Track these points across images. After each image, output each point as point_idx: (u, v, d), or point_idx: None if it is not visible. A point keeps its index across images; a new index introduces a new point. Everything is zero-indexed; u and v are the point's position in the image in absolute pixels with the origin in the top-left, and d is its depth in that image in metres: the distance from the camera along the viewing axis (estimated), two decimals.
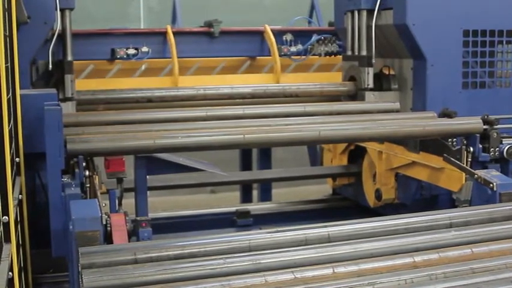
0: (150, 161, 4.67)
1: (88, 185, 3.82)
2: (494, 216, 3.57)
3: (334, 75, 6.52)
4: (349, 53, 5.82)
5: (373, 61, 5.57)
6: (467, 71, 5.38)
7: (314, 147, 7.29)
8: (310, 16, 7.58)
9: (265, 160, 7.14)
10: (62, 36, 5.19)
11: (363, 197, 6.01)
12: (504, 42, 5.46)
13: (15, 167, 3.62)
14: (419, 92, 5.37)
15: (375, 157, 5.66)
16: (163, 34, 6.41)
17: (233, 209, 6.26)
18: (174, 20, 7.35)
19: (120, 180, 4.40)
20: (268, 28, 6.61)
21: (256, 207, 6.47)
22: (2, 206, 2.67)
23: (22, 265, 3.58)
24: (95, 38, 6.17)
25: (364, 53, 5.63)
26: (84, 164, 3.83)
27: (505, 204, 3.79)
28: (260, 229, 3.68)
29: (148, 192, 4.89)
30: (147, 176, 4.80)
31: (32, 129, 4.00)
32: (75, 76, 5.43)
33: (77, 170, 3.80)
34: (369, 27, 5.56)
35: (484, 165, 4.58)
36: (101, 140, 4.03)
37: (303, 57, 6.63)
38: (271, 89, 5.82)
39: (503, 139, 4.68)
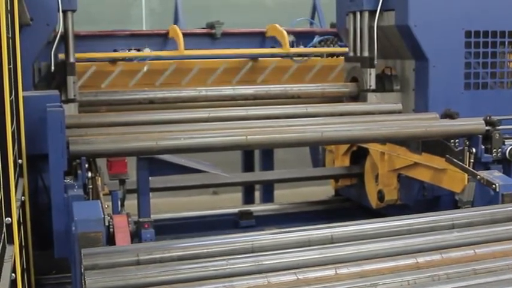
0: (153, 162, 4.67)
1: (90, 187, 3.82)
2: (497, 217, 3.57)
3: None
4: (351, 54, 5.82)
5: (375, 62, 5.57)
6: (469, 71, 5.38)
7: (316, 149, 7.29)
8: (312, 17, 7.59)
9: (268, 161, 7.13)
10: (64, 37, 5.20)
11: (366, 198, 6.00)
12: (506, 43, 5.46)
13: (18, 169, 3.62)
14: (422, 93, 5.37)
15: (377, 158, 5.66)
16: (166, 35, 6.42)
17: (235, 210, 6.27)
18: (176, 22, 7.35)
19: (122, 182, 4.40)
20: (276, 25, 6.63)
21: (259, 208, 6.48)
22: (5, 207, 2.68)
23: (25, 266, 3.59)
24: (97, 39, 6.18)
25: (366, 54, 5.63)
26: (86, 165, 3.84)
27: (507, 205, 3.79)
28: (263, 230, 3.68)
29: (150, 193, 4.89)
30: (150, 178, 4.80)
31: (34, 130, 4.00)
32: (77, 77, 5.43)
33: (79, 172, 3.80)
34: (370, 28, 5.56)
35: (486, 166, 4.58)
36: (103, 142, 4.04)
37: (305, 58, 6.63)
38: (273, 90, 5.83)
39: (506, 140, 4.68)
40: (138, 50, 6.08)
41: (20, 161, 3.75)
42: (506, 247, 3.23)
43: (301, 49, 6.61)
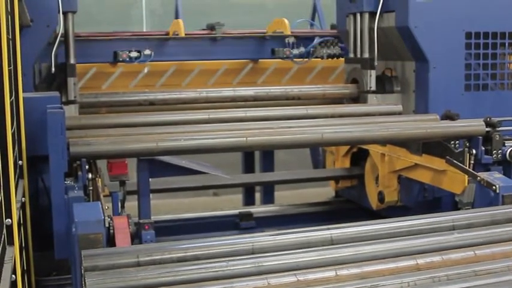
0: (153, 163, 4.67)
1: (91, 188, 3.82)
2: (497, 218, 3.57)
3: None
4: (351, 55, 5.82)
5: (376, 63, 5.57)
6: (470, 73, 5.38)
7: (317, 150, 7.29)
8: (313, 19, 7.58)
9: (268, 163, 7.14)
10: (64, 39, 5.19)
11: (366, 200, 6.00)
12: (506, 44, 5.46)
13: (18, 170, 3.62)
14: (422, 94, 5.37)
15: (377, 159, 5.66)
16: (166, 36, 6.41)
17: (236, 211, 6.27)
18: None
19: (122, 183, 4.40)
20: (275, 19, 6.66)
21: (259, 209, 6.48)
22: (5, 208, 2.68)
23: (25, 267, 3.59)
24: (97, 40, 6.17)
25: (366, 55, 5.63)
26: (87, 166, 3.84)
27: (507, 206, 3.79)
28: (263, 232, 3.68)
29: (151, 195, 4.89)
30: (150, 179, 4.80)
31: (34, 132, 4.00)
32: (78, 79, 5.43)
33: (79, 173, 3.81)
34: (371, 29, 5.56)
35: (486, 168, 4.58)
36: (103, 143, 4.04)
37: (305, 59, 6.62)
38: (273, 92, 5.82)
39: (506, 141, 4.68)
40: (139, 52, 6.06)
41: (20, 162, 3.75)
42: (506, 248, 3.24)
43: (301, 34, 6.63)
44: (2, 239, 2.64)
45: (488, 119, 4.69)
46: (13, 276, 2.72)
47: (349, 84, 5.89)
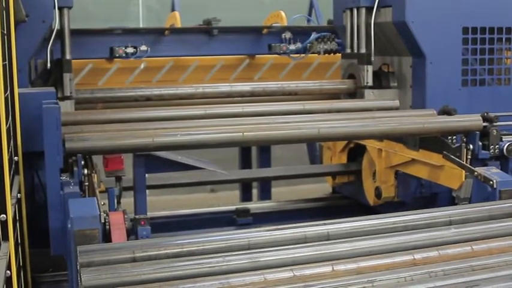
0: (149, 159, 4.67)
1: (87, 184, 3.81)
2: (494, 213, 3.57)
3: None
4: (348, 50, 5.81)
5: (372, 59, 5.56)
6: (467, 68, 5.38)
7: (313, 146, 7.28)
8: (309, 14, 7.57)
9: (265, 158, 7.13)
10: (60, 34, 5.18)
11: (363, 195, 6.00)
12: (504, 39, 5.45)
13: (13, 166, 3.61)
14: (419, 90, 5.37)
15: (374, 155, 5.65)
16: (162, 32, 6.40)
17: (233, 207, 6.26)
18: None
19: (118, 179, 4.39)
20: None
21: (256, 205, 6.47)
22: (0, 204, 2.67)
23: (21, 264, 3.58)
24: (93, 36, 6.15)
25: (363, 50, 5.62)
26: (82, 162, 3.82)
27: (504, 201, 3.79)
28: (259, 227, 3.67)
29: (147, 191, 4.88)
30: (146, 175, 4.79)
31: (30, 127, 3.99)
32: (74, 75, 5.41)
33: (75, 169, 3.79)
34: (368, 24, 5.55)
35: (483, 163, 4.57)
36: (99, 139, 4.02)
37: (302, 55, 6.61)
38: (270, 87, 5.81)
39: (503, 136, 4.67)
40: (135, 47, 6.04)
41: (15, 158, 3.74)
42: (503, 243, 3.23)
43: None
44: None
45: (485, 114, 4.68)
46: (8, 272, 2.71)
47: (346, 79, 5.88)
